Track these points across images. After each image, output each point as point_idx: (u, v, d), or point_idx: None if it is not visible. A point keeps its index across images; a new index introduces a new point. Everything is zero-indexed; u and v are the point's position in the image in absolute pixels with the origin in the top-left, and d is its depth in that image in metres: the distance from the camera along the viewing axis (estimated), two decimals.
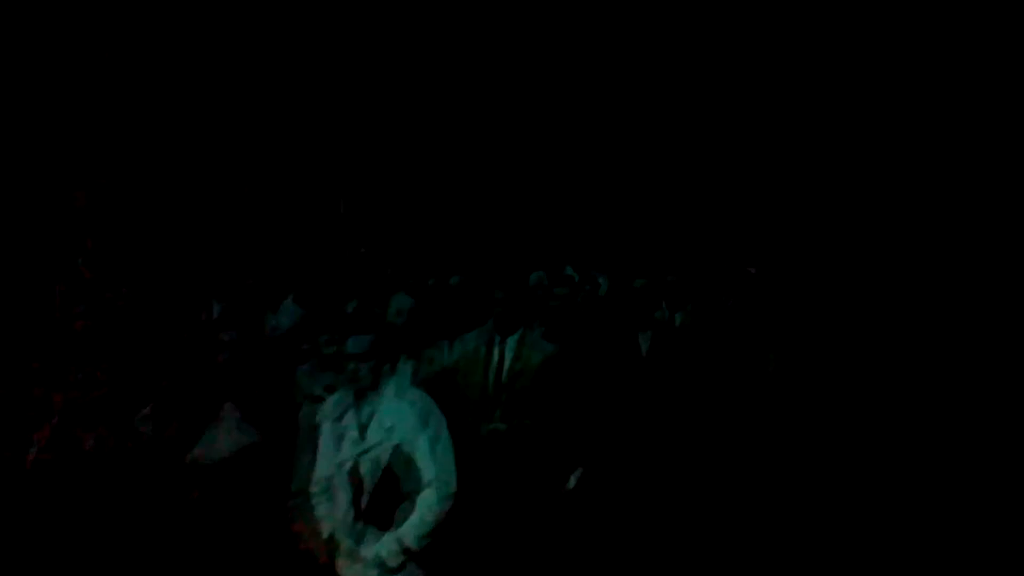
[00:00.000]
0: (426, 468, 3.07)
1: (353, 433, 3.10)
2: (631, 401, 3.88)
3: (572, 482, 3.74)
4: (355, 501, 3.07)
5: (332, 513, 3.09)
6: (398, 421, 3.09)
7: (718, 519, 3.86)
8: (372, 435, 3.08)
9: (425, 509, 3.06)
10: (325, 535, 3.07)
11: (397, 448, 3.06)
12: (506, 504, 3.49)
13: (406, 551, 3.04)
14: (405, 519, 3.05)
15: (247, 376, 3.12)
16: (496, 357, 3.79)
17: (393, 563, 3.05)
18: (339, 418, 3.12)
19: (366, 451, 3.07)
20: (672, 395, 3.94)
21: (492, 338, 3.79)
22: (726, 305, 4.43)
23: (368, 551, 3.02)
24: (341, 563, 3.07)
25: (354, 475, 3.08)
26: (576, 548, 3.63)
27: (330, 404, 3.16)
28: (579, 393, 3.74)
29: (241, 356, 3.14)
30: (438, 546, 3.07)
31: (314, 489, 3.11)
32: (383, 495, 3.07)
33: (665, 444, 3.88)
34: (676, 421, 3.92)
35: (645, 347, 4.03)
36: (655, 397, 3.93)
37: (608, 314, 4.08)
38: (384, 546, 3.03)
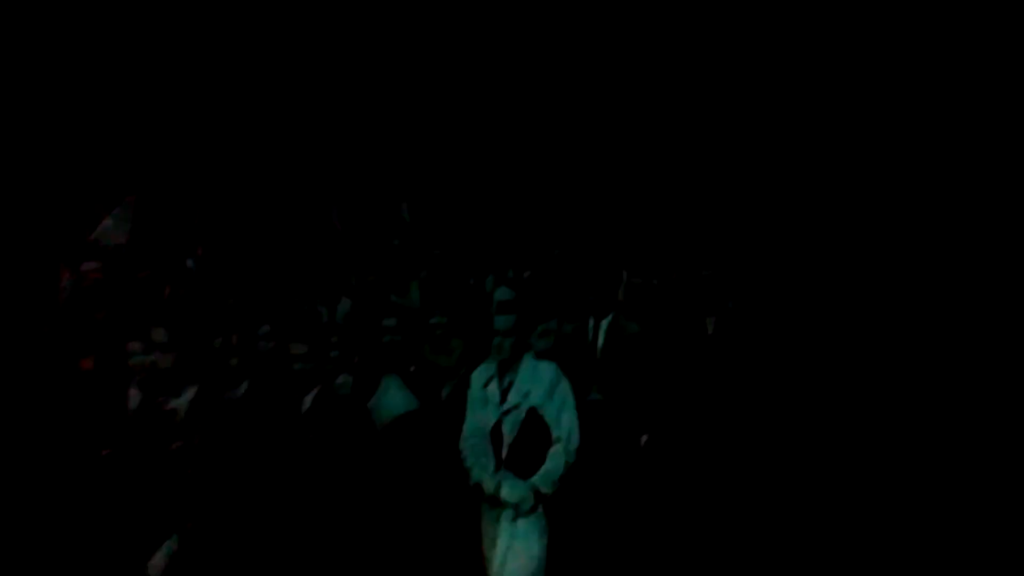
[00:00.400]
0: (555, 427, 3.70)
1: (496, 397, 3.73)
2: (699, 377, 4.55)
3: (642, 441, 4.41)
4: (497, 454, 3.70)
5: (478, 463, 3.71)
6: (533, 388, 3.72)
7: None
8: (512, 399, 3.71)
9: (554, 462, 3.69)
10: (472, 482, 3.70)
11: (532, 410, 3.69)
12: (601, 459, 4.14)
13: (538, 496, 3.68)
14: (537, 470, 3.69)
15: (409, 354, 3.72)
16: (591, 337, 4.45)
17: (526, 506, 3.68)
18: (485, 385, 3.75)
19: (507, 412, 3.70)
20: (733, 375, 4.59)
21: (587, 321, 4.44)
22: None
23: (507, 495, 3.66)
24: (484, 505, 3.71)
25: (496, 433, 3.70)
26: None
27: (478, 373, 3.78)
28: (659, 368, 4.40)
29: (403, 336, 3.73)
30: (562, 493, 3.72)
31: (464, 444, 3.74)
32: (520, 449, 3.69)
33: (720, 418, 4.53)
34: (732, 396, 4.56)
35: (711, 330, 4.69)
36: (718, 376, 4.59)
37: (678, 301, 4.72)
38: (519, 492, 3.67)
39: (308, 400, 3.46)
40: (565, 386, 3.76)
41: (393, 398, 3.65)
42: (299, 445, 3.49)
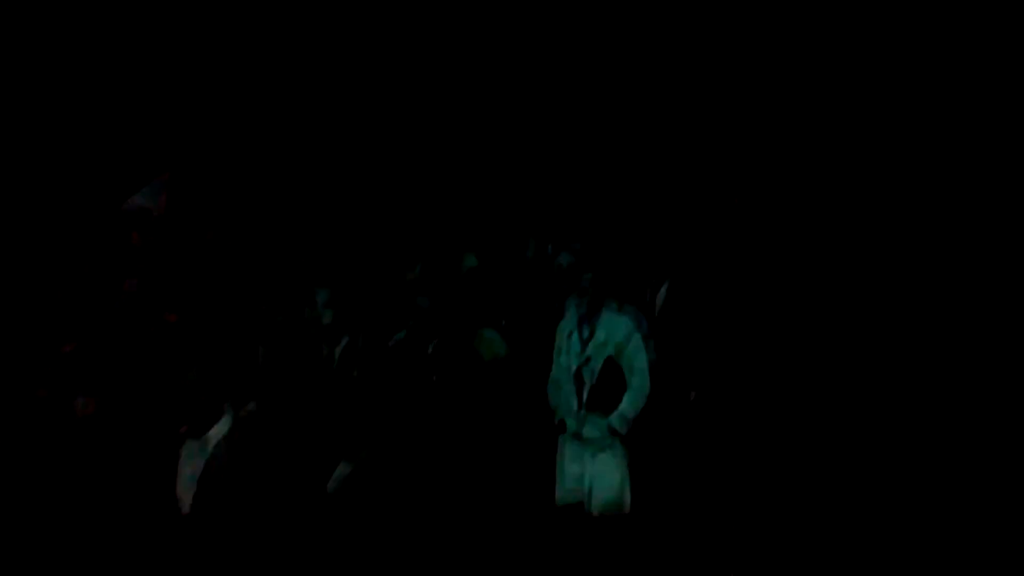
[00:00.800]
0: (629, 374, 4.24)
1: (577, 347, 4.26)
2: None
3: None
4: (579, 395, 4.23)
5: (563, 405, 4.24)
6: (610, 339, 4.25)
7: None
8: (591, 349, 4.25)
9: (628, 403, 4.23)
10: (556, 419, 4.23)
11: (609, 359, 4.23)
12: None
13: (613, 433, 4.21)
14: (614, 410, 4.22)
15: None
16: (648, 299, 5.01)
17: (604, 442, 4.21)
18: (568, 336, 4.28)
19: (587, 360, 4.23)
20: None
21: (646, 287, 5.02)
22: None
23: (587, 431, 4.19)
24: (566, 439, 4.24)
25: (578, 377, 4.24)
26: None
27: (562, 326, 4.31)
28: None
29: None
30: (635, 430, 4.25)
31: (550, 387, 4.27)
32: (599, 392, 4.23)
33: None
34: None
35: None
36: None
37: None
38: (598, 429, 4.20)
39: (431, 347, 4.00)
40: (638, 338, 4.31)
41: (490, 345, 4.18)
42: (426, 384, 4.01)
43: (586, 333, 4.30)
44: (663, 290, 4.95)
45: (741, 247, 5.22)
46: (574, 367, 4.27)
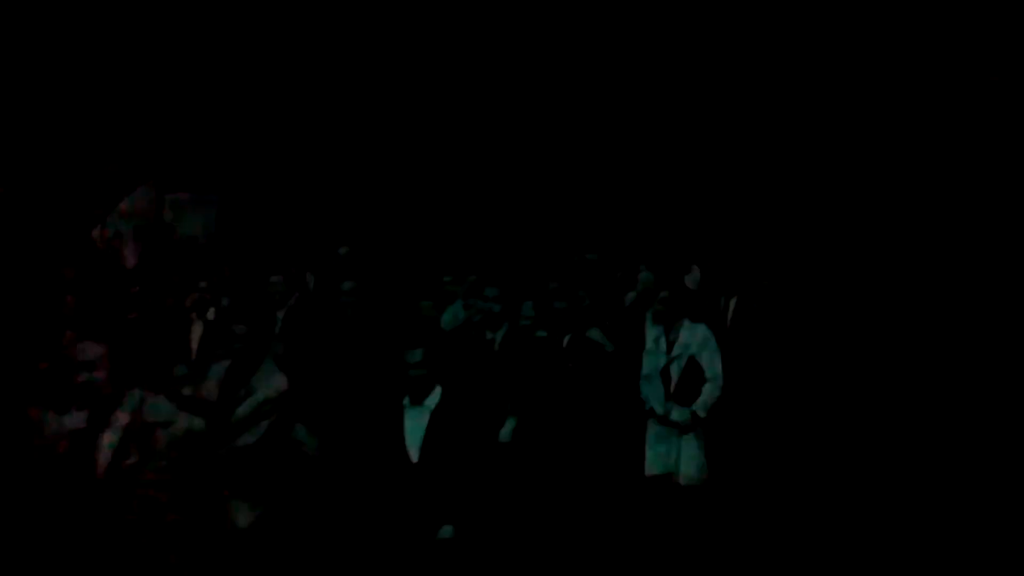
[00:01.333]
0: (707, 370, 5.22)
1: (664, 348, 5.27)
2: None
3: None
4: (665, 387, 5.23)
5: (652, 395, 5.24)
6: (691, 342, 5.25)
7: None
8: (677, 350, 5.25)
9: (707, 394, 5.21)
10: (647, 407, 5.23)
11: (691, 358, 5.22)
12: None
13: (695, 418, 5.19)
14: (696, 400, 5.20)
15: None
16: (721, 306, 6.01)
17: (687, 426, 5.19)
18: (656, 340, 5.30)
19: (673, 360, 5.23)
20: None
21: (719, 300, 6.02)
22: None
23: (676, 417, 5.18)
24: (655, 423, 5.23)
25: (666, 374, 5.24)
26: None
27: (650, 332, 5.34)
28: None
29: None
30: (712, 417, 5.22)
31: (642, 382, 5.28)
32: (683, 384, 5.22)
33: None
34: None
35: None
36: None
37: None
38: (684, 415, 5.18)
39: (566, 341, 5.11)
40: (713, 343, 5.30)
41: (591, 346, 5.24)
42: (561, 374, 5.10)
43: (672, 338, 5.31)
44: (732, 303, 5.94)
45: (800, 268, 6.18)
46: (662, 365, 5.29)
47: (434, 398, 4.04)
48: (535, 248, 7.41)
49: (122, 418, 2.86)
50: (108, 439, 2.84)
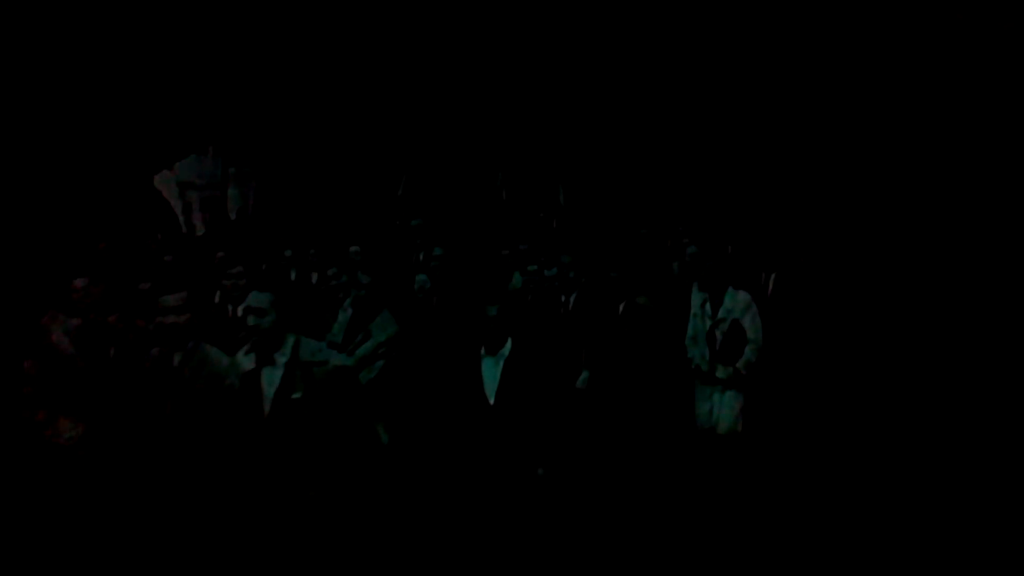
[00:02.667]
0: (748, 331, 5.84)
1: (709, 312, 5.89)
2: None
3: None
4: (710, 346, 5.86)
5: (698, 354, 5.88)
6: (733, 308, 5.87)
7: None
8: (722, 314, 5.87)
9: (748, 354, 5.83)
10: (692, 366, 5.88)
11: (734, 321, 5.84)
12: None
13: (737, 373, 5.82)
14: (738, 359, 5.83)
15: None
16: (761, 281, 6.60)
17: (729, 381, 5.82)
18: (702, 305, 5.92)
19: (719, 323, 5.86)
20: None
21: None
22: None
23: (719, 373, 5.81)
24: (699, 383, 5.88)
25: (711, 335, 5.86)
26: None
27: (695, 298, 5.97)
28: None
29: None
30: (752, 372, 5.85)
31: (688, 342, 5.92)
32: (725, 344, 5.84)
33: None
34: None
35: None
36: None
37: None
38: (725, 370, 5.82)
39: (620, 307, 5.77)
40: (755, 308, 5.91)
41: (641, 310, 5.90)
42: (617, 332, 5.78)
43: (716, 303, 5.93)
44: (772, 278, 6.53)
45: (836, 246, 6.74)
46: (707, 328, 5.91)
47: (507, 349, 4.69)
48: (594, 223, 8.05)
49: (282, 357, 3.53)
50: (272, 376, 3.50)
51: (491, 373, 4.55)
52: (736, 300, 6.00)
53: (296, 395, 3.41)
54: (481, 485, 4.44)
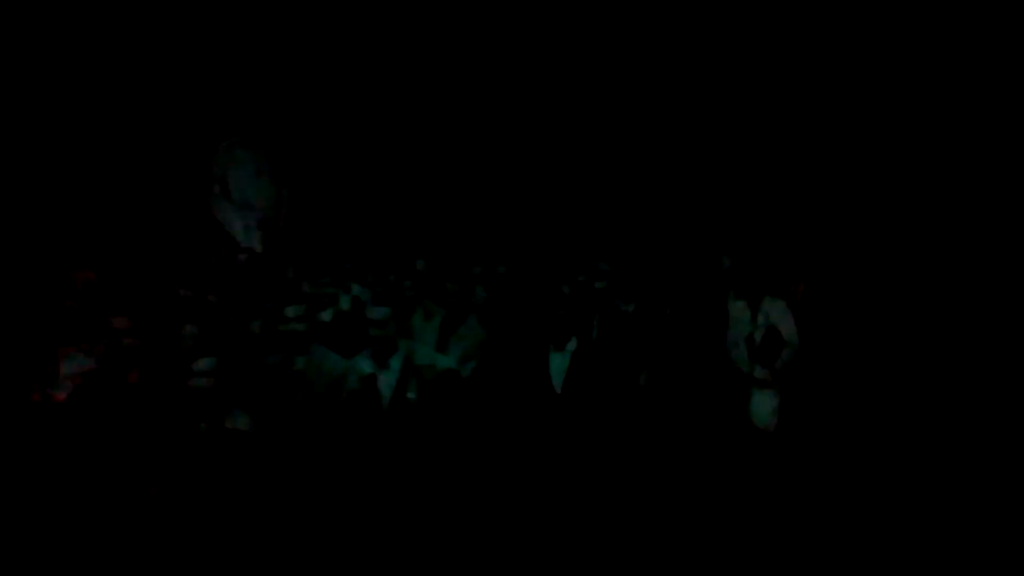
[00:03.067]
0: (785, 336, 6.35)
1: (748, 317, 6.40)
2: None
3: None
4: (750, 350, 6.37)
5: (739, 356, 6.38)
6: (771, 313, 6.38)
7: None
8: (760, 320, 6.38)
9: (785, 354, 6.33)
10: (735, 371, 6.38)
11: (771, 327, 6.35)
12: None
13: (774, 375, 6.32)
14: (776, 361, 6.33)
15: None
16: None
17: (767, 383, 6.33)
18: (740, 312, 6.43)
19: (756, 328, 6.37)
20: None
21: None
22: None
23: (758, 374, 6.31)
24: (741, 381, 6.38)
25: (751, 339, 6.37)
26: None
27: (732, 306, 6.47)
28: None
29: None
30: (788, 374, 6.34)
31: (729, 345, 6.43)
32: (764, 348, 6.34)
33: None
34: None
35: None
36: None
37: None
38: (764, 372, 6.32)
39: (667, 312, 6.26)
40: (790, 314, 6.42)
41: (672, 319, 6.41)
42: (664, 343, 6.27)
43: (755, 310, 6.45)
44: (801, 289, 7.04)
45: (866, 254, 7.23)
46: (747, 333, 6.43)
47: (572, 345, 5.29)
48: (630, 242, 8.48)
49: (397, 362, 4.04)
50: (388, 379, 4.01)
51: (558, 366, 5.16)
52: (774, 306, 6.53)
53: (411, 395, 3.92)
54: (549, 468, 4.96)
